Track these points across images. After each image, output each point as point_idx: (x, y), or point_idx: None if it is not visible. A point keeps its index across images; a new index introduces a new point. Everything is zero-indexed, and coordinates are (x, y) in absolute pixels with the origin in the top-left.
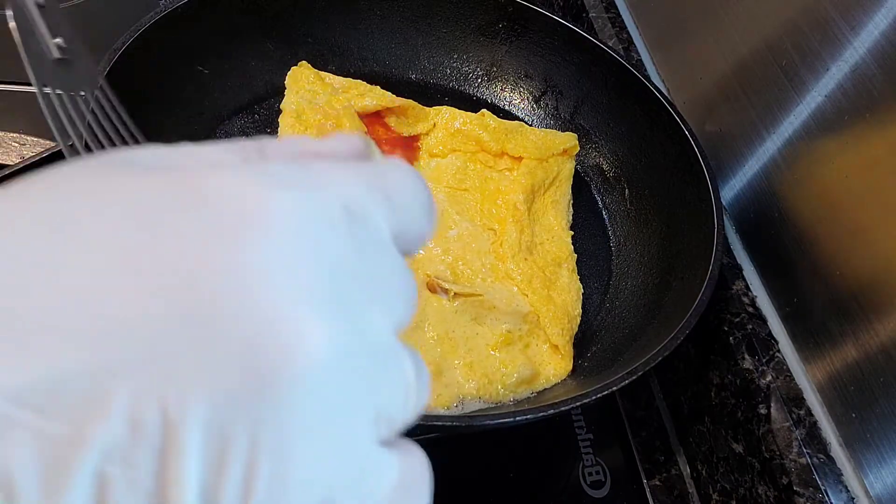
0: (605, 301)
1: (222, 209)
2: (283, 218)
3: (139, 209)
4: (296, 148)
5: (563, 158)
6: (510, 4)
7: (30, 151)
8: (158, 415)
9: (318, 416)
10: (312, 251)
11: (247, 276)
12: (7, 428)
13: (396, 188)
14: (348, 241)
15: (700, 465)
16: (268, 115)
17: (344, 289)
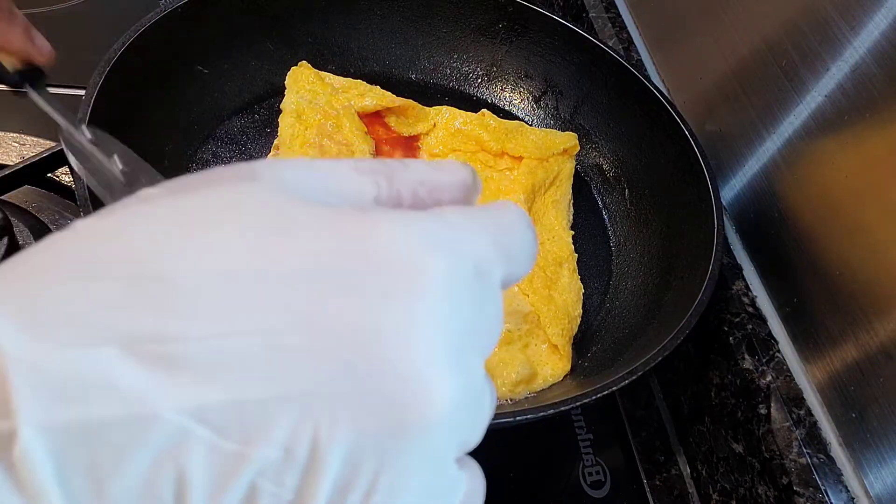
0: (605, 301)
1: (386, 270)
2: (433, 285)
3: (317, 260)
4: (419, 176)
5: (563, 158)
6: (510, 4)
7: (30, 151)
8: (309, 442)
9: (429, 453)
10: (449, 315)
11: (398, 336)
12: (186, 439)
13: (514, 241)
14: (474, 301)
15: (700, 465)
16: (268, 115)
17: (465, 344)
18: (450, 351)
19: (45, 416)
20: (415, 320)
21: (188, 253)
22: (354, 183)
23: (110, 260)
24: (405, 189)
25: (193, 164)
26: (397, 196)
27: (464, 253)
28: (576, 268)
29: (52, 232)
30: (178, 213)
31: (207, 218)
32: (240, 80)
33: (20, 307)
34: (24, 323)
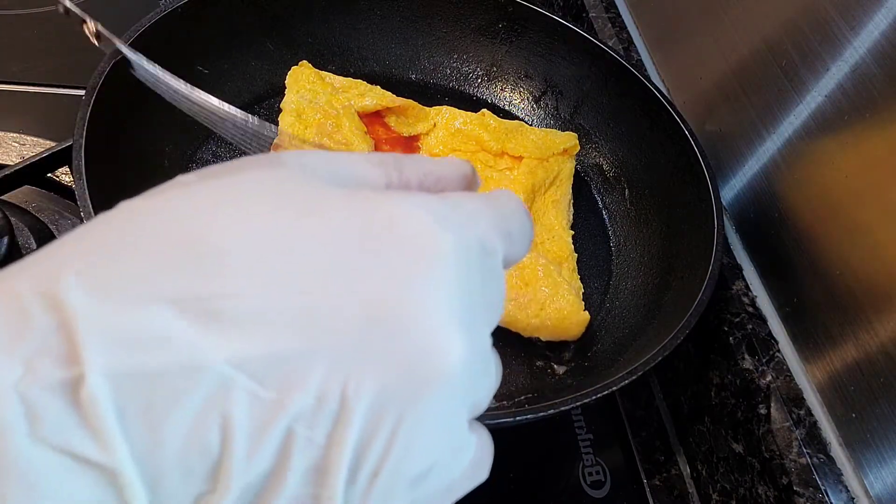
0: (605, 301)
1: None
2: (445, 256)
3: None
4: (425, 168)
5: (563, 158)
6: (510, 4)
7: (30, 151)
8: (339, 392)
9: (443, 407)
10: (459, 284)
11: (418, 299)
12: (231, 387)
13: (514, 224)
14: (480, 273)
15: (700, 465)
16: (268, 115)
17: (473, 311)
18: (461, 316)
19: (109, 364)
20: (430, 287)
21: (230, 225)
22: (368, 171)
23: (161, 231)
24: (413, 178)
25: (193, 164)
26: (406, 184)
27: (471, 231)
28: (575, 267)
29: (52, 232)
30: (217, 193)
31: (243, 196)
32: (240, 80)
33: (87, 271)
34: (92, 285)
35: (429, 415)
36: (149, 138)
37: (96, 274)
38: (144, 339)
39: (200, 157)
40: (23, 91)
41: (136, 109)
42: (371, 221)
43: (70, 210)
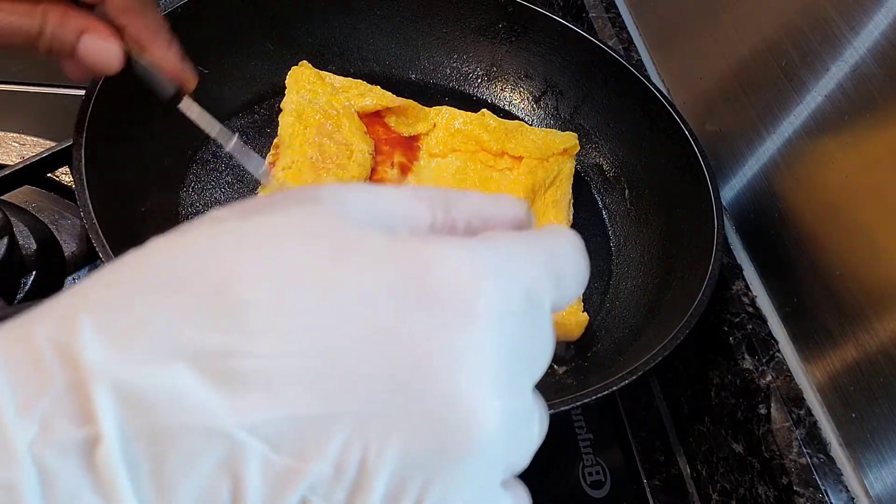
0: (605, 301)
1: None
2: (485, 311)
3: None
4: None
5: (563, 158)
6: (510, 4)
7: (30, 151)
8: (359, 460)
9: (474, 476)
10: (499, 341)
11: (450, 360)
12: (244, 452)
13: (565, 268)
14: (524, 326)
15: (700, 465)
16: (268, 115)
17: (514, 368)
18: (499, 376)
19: (122, 424)
20: (465, 345)
21: (255, 273)
22: (413, 209)
23: (185, 278)
24: (461, 217)
25: (193, 164)
26: (452, 223)
27: (515, 279)
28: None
29: (52, 232)
30: (247, 235)
31: (274, 240)
32: (240, 80)
33: (105, 323)
34: (108, 338)
35: (457, 485)
36: (149, 138)
37: (115, 325)
38: (159, 398)
39: (201, 157)
40: (23, 91)
41: (136, 109)
42: (406, 271)
43: (70, 210)
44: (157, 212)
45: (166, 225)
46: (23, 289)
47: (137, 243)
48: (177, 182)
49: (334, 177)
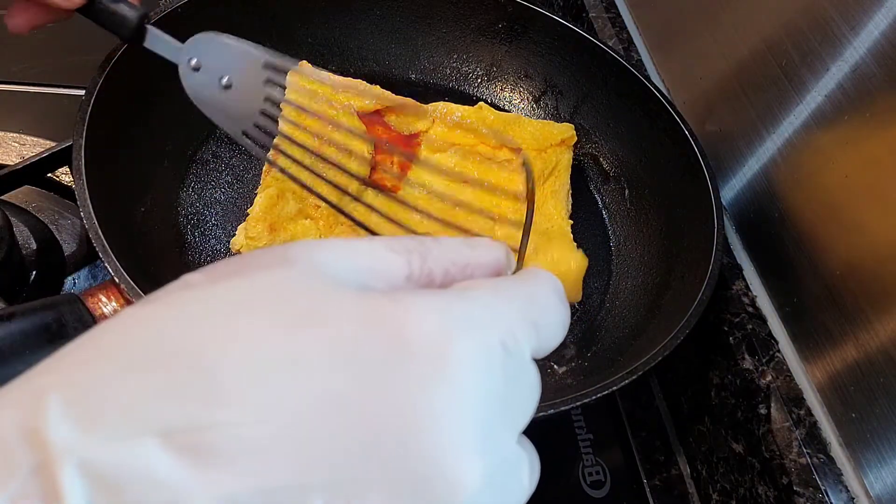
0: (605, 301)
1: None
2: (458, 368)
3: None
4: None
5: (560, 149)
6: (510, 4)
7: (30, 151)
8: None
9: None
10: (476, 397)
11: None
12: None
13: (544, 313)
14: (502, 378)
15: (700, 465)
16: None
17: (495, 421)
18: (479, 432)
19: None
20: (440, 405)
21: (224, 343)
22: (387, 263)
23: (155, 351)
24: (437, 267)
25: (193, 164)
26: (429, 274)
27: (490, 330)
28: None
29: (52, 232)
30: (217, 303)
31: (244, 307)
32: None
33: (73, 401)
34: (77, 417)
35: None
36: (149, 138)
37: (83, 403)
38: (128, 476)
39: (200, 157)
40: (23, 91)
41: (136, 109)
42: (378, 332)
43: (70, 210)
44: (157, 212)
45: (166, 225)
46: (23, 289)
47: (137, 243)
48: (177, 182)
49: (334, 176)
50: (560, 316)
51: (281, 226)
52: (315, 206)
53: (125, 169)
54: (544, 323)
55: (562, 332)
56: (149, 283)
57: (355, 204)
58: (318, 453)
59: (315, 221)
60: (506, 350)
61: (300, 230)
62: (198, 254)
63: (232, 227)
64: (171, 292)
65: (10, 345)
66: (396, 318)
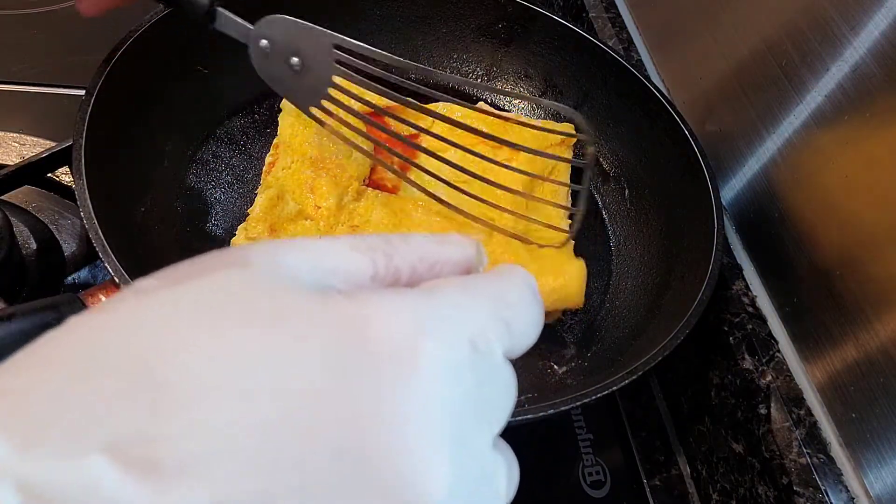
0: (605, 301)
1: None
2: (424, 368)
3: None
4: (419, 252)
5: (560, 149)
6: (510, 4)
7: (30, 151)
8: None
9: None
10: (443, 398)
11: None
12: None
13: (515, 312)
14: (472, 380)
15: (700, 465)
16: (268, 115)
17: (465, 426)
18: (446, 438)
19: None
20: (406, 409)
21: (175, 350)
22: (352, 262)
23: (101, 360)
24: (404, 265)
25: (193, 164)
26: (395, 273)
27: (458, 330)
28: (572, 253)
29: (52, 232)
30: (169, 309)
31: (196, 311)
32: (240, 80)
33: (11, 415)
34: (15, 434)
35: None
36: (149, 138)
37: (23, 418)
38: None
39: (200, 157)
40: (23, 91)
41: (136, 109)
42: (340, 334)
43: (70, 210)
44: (157, 212)
45: (166, 225)
46: (23, 289)
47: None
48: (177, 182)
49: (333, 176)
50: (533, 313)
51: (281, 226)
52: (315, 206)
53: (125, 169)
54: (517, 321)
55: (536, 331)
56: None
57: (354, 204)
58: (280, 461)
59: (315, 222)
60: (476, 350)
61: (300, 230)
62: (198, 254)
63: (232, 227)
64: (122, 299)
65: (10, 345)
66: (359, 320)
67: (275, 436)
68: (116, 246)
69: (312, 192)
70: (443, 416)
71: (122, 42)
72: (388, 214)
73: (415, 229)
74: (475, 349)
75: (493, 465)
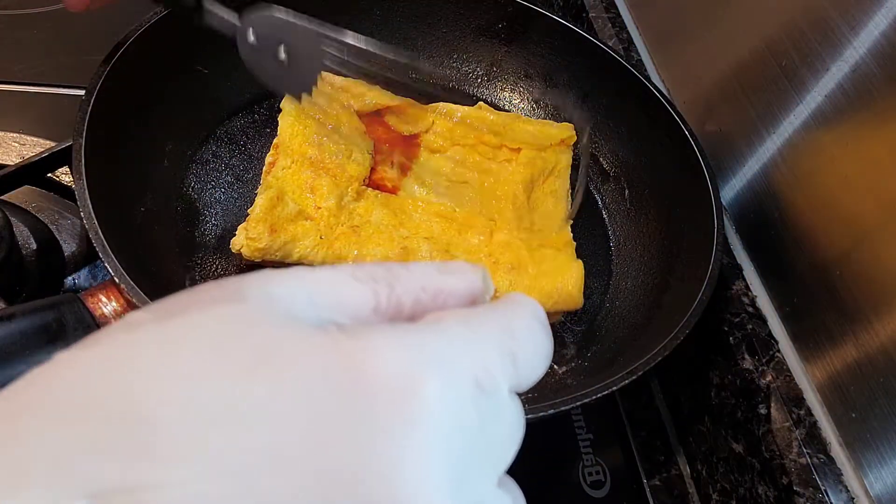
0: (605, 301)
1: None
2: (425, 411)
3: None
4: (422, 281)
5: (560, 149)
6: (510, 4)
7: (30, 151)
8: None
9: None
10: (446, 441)
11: (388, 473)
12: None
13: (523, 345)
14: (476, 420)
15: (700, 465)
16: (268, 115)
17: (468, 466)
18: (449, 482)
19: None
20: (406, 454)
21: (163, 391)
22: (352, 294)
23: (84, 401)
24: (407, 296)
25: (193, 164)
26: (398, 304)
27: (461, 368)
28: (574, 255)
29: (52, 232)
30: (158, 345)
31: (186, 349)
32: (240, 80)
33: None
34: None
35: None
36: (149, 138)
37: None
38: None
39: (200, 157)
40: (23, 91)
41: (136, 109)
42: (336, 374)
43: (70, 210)
44: (157, 212)
45: (166, 225)
46: (23, 289)
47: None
48: (177, 182)
49: (333, 177)
50: (541, 346)
51: (281, 227)
52: (315, 206)
53: (125, 169)
54: (524, 355)
55: (544, 364)
56: (149, 283)
57: (354, 205)
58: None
59: (315, 222)
60: (480, 388)
61: (300, 231)
62: (198, 254)
63: (232, 227)
64: (110, 334)
65: (10, 345)
66: (357, 358)
67: (262, 487)
68: (116, 246)
69: (312, 193)
70: (443, 463)
71: (122, 42)
72: (388, 214)
73: (415, 229)
74: (479, 388)
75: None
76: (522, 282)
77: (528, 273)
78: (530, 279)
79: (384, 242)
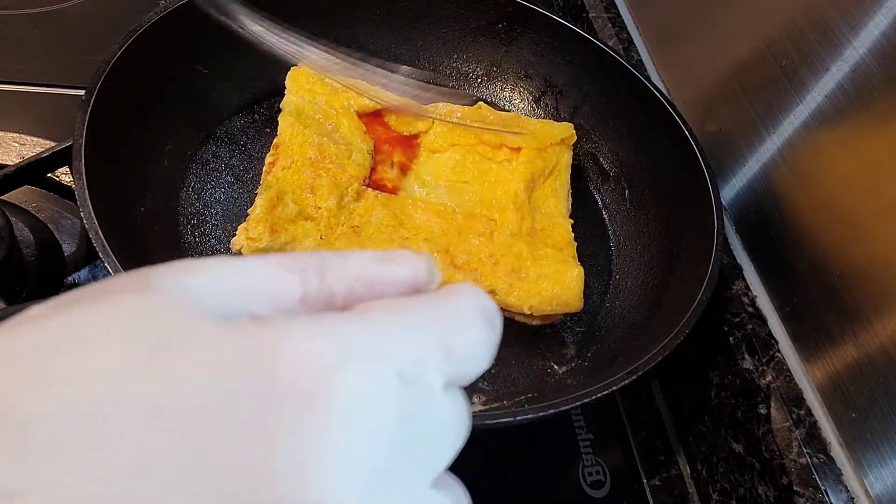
0: (605, 301)
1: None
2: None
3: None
4: (357, 270)
5: (560, 148)
6: (510, 4)
7: (30, 151)
8: None
9: None
10: (366, 439)
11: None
12: None
13: (462, 336)
14: (397, 416)
15: (700, 465)
16: (268, 115)
17: (393, 470)
18: (368, 481)
19: None
20: (321, 453)
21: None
22: (278, 282)
23: None
24: (339, 285)
25: (193, 164)
26: (329, 294)
27: (383, 360)
28: (576, 255)
29: (52, 232)
30: (47, 338)
31: (83, 342)
32: (240, 80)
33: None
34: None
35: None
36: (149, 138)
37: None
38: None
39: (200, 157)
40: (23, 91)
41: (136, 109)
42: (244, 367)
43: (70, 210)
44: (157, 212)
45: (166, 225)
46: (23, 289)
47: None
48: (177, 182)
49: (333, 177)
50: (482, 337)
51: (281, 227)
52: (315, 207)
53: (125, 169)
54: (461, 346)
55: (486, 355)
56: None
57: (354, 205)
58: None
59: (315, 223)
60: (405, 381)
61: (300, 231)
62: (198, 254)
63: (232, 227)
64: (6, 327)
65: None
66: (266, 351)
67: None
68: (116, 246)
69: (312, 193)
70: (360, 463)
71: (122, 42)
72: (388, 214)
73: (415, 230)
74: (405, 380)
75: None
76: (522, 285)
77: (528, 276)
78: (530, 282)
79: (384, 243)
